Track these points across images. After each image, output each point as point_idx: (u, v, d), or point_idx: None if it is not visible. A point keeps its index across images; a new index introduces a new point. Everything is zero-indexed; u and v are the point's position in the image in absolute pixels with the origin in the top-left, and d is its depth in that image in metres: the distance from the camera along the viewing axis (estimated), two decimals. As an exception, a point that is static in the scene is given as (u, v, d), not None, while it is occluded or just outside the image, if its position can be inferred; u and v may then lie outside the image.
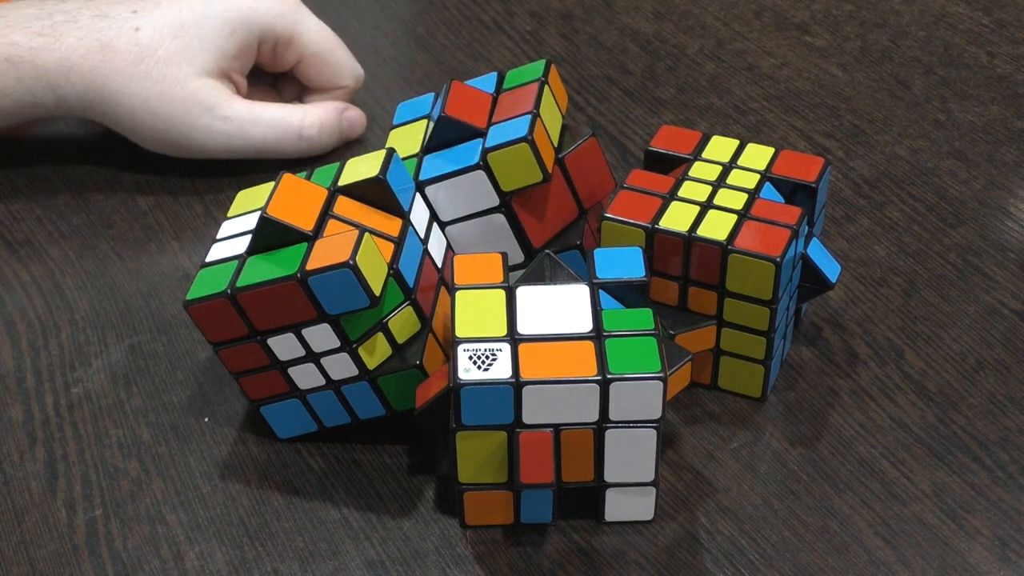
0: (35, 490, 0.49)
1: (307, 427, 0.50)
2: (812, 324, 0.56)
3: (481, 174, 0.50)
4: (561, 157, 0.51)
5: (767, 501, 0.48)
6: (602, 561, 0.46)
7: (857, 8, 0.78)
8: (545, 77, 0.52)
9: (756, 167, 0.52)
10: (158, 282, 0.59)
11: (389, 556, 0.46)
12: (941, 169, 0.65)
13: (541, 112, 0.50)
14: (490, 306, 0.45)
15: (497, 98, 0.53)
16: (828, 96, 0.71)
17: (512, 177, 0.50)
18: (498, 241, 0.51)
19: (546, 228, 0.52)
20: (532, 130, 0.49)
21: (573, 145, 0.52)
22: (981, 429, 0.51)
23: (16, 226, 0.63)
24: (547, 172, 0.50)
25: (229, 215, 0.50)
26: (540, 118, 0.50)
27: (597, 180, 0.53)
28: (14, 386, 0.54)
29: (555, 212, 0.52)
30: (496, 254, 0.48)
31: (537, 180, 0.50)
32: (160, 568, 0.46)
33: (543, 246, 0.52)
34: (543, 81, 0.52)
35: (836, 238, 0.60)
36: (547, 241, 0.52)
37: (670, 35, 0.76)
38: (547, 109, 0.51)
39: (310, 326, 0.46)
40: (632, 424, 0.44)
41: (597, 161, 0.53)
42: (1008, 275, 0.58)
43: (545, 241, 0.52)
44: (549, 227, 0.52)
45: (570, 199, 0.52)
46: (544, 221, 0.52)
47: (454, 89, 0.52)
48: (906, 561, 0.46)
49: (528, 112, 0.50)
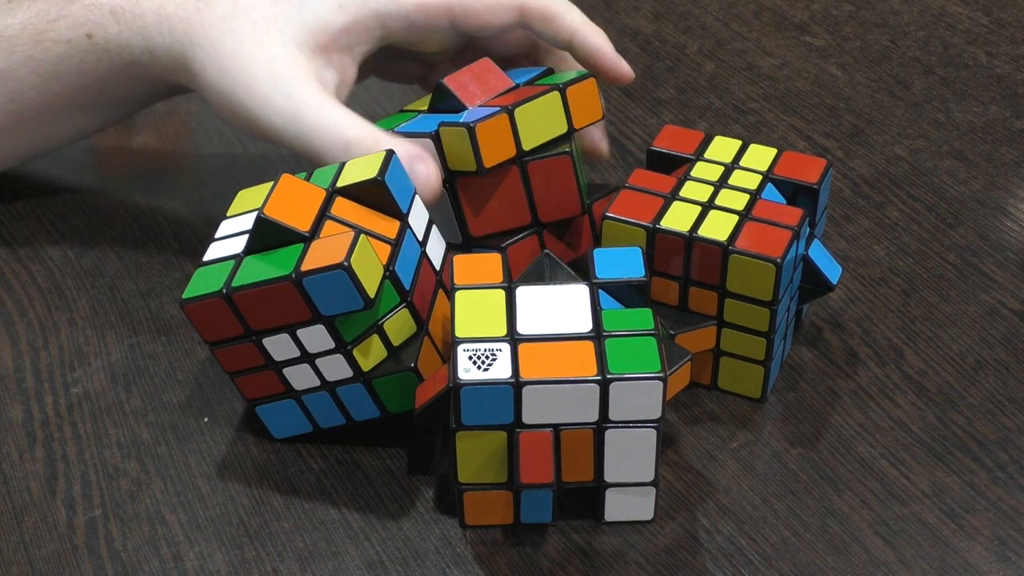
0: (35, 490, 0.49)
1: (302, 428, 0.50)
2: (812, 324, 0.56)
3: (430, 143, 0.51)
4: (525, 161, 0.51)
5: (767, 501, 0.48)
6: (602, 561, 0.46)
7: (857, 8, 0.78)
8: (564, 85, 0.52)
9: (758, 168, 0.52)
10: (158, 282, 0.59)
11: (389, 556, 0.46)
12: (941, 169, 0.65)
13: (518, 113, 0.50)
14: (490, 306, 0.45)
15: (519, 86, 0.53)
16: (828, 96, 0.71)
17: (454, 158, 0.51)
18: (439, 216, 0.52)
19: (487, 222, 0.52)
20: (485, 121, 0.50)
21: (544, 154, 0.52)
22: (981, 429, 0.51)
23: (16, 226, 0.63)
24: (483, 166, 0.50)
25: (228, 214, 0.50)
26: (511, 115, 0.50)
27: (561, 198, 0.53)
28: (14, 386, 0.54)
29: (501, 211, 0.52)
30: (496, 254, 0.48)
31: (471, 169, 0.51)
32: (160, 568, 0.46)
33: (481, 238, 0.53)
34: (558, 88, 0.52)
35: (836, 238, 0.60)
36: (487, 235, 0.53)
37: (670, 35, 0.76)
38: (536, 112, 0.51)
39: (305, 327, 0.46)
40: (632, 424, 0.44)
41: (565, 179, 0.52)
42: (1008, 275, 0.58)
43: (484, 234, 0.53)
44: (491, 222, 0.53)
45: (523, 205, 0.52)
46: (485, 215, 0.52)
47: (476, 66, 0.53)
48: (906, 561, 0.46)
49: (502, 106, 0.50)
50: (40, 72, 0.58)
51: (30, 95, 0.58)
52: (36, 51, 0.58)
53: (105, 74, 0.58)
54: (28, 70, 0.58)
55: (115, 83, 0.59)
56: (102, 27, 0.57)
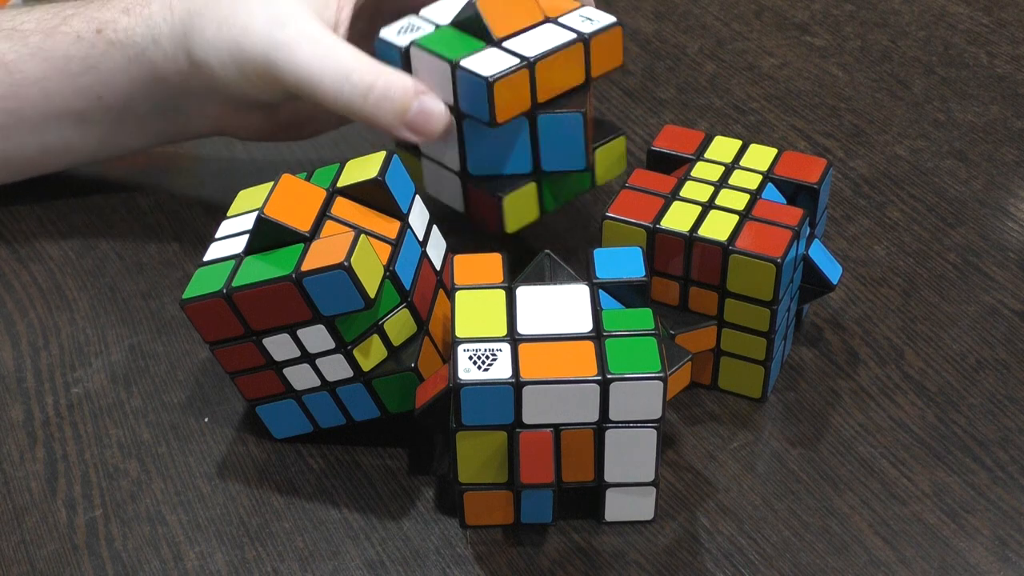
0: (35, 490, 0.49)
1: (302, 428, 0.50)
2: (812, 324, 0.56)
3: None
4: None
5: (767, 501, 0.48)
6: (602, 561, 0.46)
7: (857, 8, 0.78)
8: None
9: (758, 168, 0.52)
10: (158, 282, 0.59)
11: (389, 556, 0.46)
12: (941, 169, 0.65)
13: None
14: (490, 306, 0.45)
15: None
16: (828, 96, 0.71)
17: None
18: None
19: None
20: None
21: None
22: (981, 429, 0.51)
23: (16, 226, 0.63)
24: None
25: (228, 214, 0.50)
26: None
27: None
28: (14, 386, 0.54)
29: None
30: (496, 254, 0.48)
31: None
32: (160, 568, 0.46)
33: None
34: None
35: (836, 238, 0.60)
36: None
37: (670, 35, 0.76)
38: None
39: (305, 327, 0.46)
40: (632, 424, 0.44)
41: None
42: (1008, 275, 0.58)
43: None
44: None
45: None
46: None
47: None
48: (906, 561, 0.46)
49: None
50: (45, 64, 0.58)
51: (32, 92, 0.58)
52: (46, 43, 0.58)
53: (109, 73, 0.58)
54: (35, 62, 0.58)
55: (118, 87, 0.59)
56: (112, 22, 0.58)
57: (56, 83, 0.59)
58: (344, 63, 0.52)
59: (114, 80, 0.58)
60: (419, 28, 0.54)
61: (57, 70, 0.58)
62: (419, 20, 0.55)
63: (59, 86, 0.59)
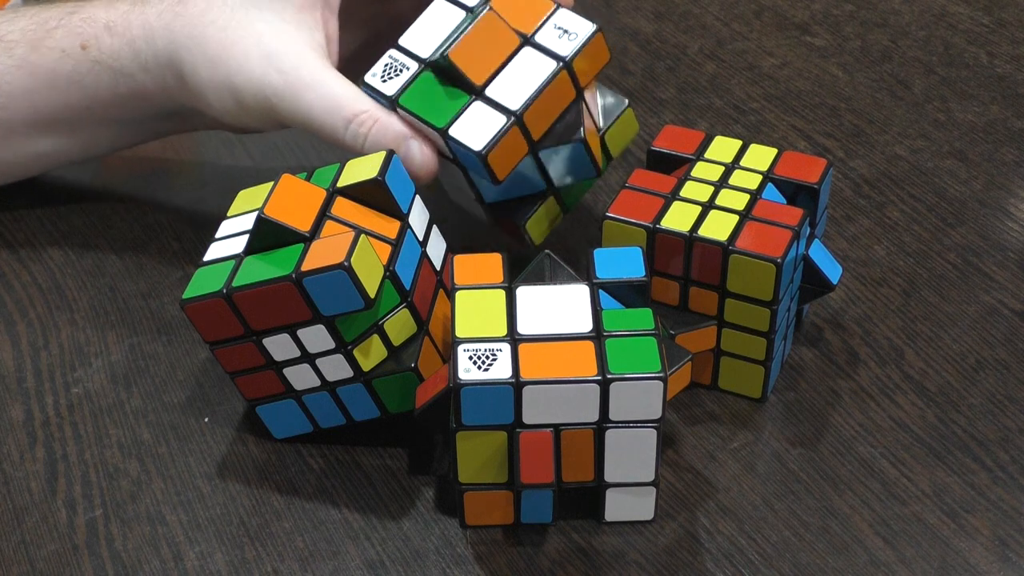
0: (35, 490, 0.49)
1: (303, 428, 0.50)
2: (812, 324, 0.56)
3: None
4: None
5: (767, 501, 0.48)
6: (602, 561, 0.46)
7: (857, 8, 0.78)
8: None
9: (758, 168, 0.52)
10: (158, 282, 0.59)
11: (389, 556, 0.46)
12: (941, 169, 0.65)
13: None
14: (490, 306, 0.45)
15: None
16: (828, 96, 0.71)
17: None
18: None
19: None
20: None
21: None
22: (981, 429, 0.51)
23: (16, 226, 0.63)
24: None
25: (229, 214, 0.50)
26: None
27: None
28: (14, 386, 0.54)
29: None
30: (496, 254, 0.48)
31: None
32: (160, 568, 0.46)
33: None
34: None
35: (836, 238, 0.60)
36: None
37: (670, 35, 0.76)
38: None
39: (305, 327, 0.46)
40: (632, 424, 0.44)
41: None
42: (1008, 275, 0.58)
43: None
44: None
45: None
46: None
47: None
48: (906, 561, 0.46)
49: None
50: (32, 79, 0.58)
51: (20, 104, 0.58)
52: (32, 56, 0.58)
53: (95, 88, 0.58)
54: (22, 75, 0.58)
55: (105, 100, 0.58)
56: (96, 39, 0.57)
57: (44, 96, 0.58)
58: (343, 108, 0.53)
59: (102, 96, 0.58)
60: (401, 70, 0.52)
61: (44, 84, 0.58)
62: (400, 56, 0.52)
63: (46, 99, 0.58)
